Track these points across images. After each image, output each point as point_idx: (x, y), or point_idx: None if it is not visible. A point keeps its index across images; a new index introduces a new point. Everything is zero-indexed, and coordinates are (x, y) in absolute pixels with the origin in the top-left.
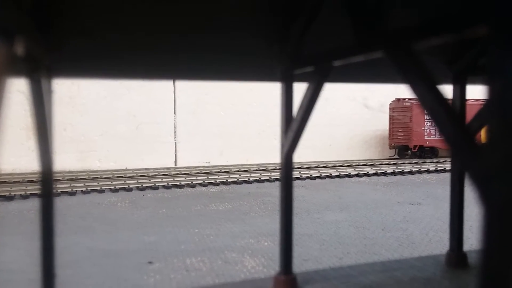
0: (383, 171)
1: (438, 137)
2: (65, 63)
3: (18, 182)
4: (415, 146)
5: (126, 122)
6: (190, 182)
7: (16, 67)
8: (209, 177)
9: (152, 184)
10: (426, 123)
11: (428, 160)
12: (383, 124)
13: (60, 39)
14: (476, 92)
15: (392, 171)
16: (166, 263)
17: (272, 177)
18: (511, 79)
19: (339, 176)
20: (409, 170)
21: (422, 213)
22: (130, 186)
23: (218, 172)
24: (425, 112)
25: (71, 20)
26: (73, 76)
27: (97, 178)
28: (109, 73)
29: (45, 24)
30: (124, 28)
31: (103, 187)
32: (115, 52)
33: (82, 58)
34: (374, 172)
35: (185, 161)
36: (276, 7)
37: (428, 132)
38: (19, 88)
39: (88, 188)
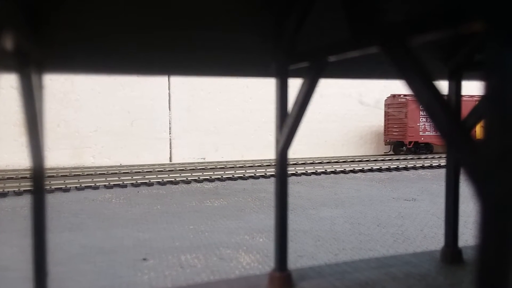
0: (378, 167)
1: (433, 133)
2: (56, 58)
3: (12, 178)
4: (410, 142)
5: (121, 118)
6: (185, 178)
7: (5, 62)
8: (204, 173)
9: (147, 181)
10: (421, 119)
11: (423, 156)
12: (378, 120)
13: (50, 33)
14: (470, 88)
15: (387, 167)
16: (160, 259)
17: (268, 173)
18: (508, 74)
19: (334, 172)
20: (404, 166)
21: (417, 209)
22: (125, 182)
23: (213, 168)
24: (421, 108)
25: (62, 14)
26: (65, 71)
27: (91, 174)
28: (102, 68)
29: (35, 18)
30: (117, 23)
31: (97, 184)
32: (108, 47)
33: (74, 53)
34: (369, 168)
35: (180, 157)
36: (270, 2)
37: (423, 128)
38: (12, 83)
39: (82, 185)
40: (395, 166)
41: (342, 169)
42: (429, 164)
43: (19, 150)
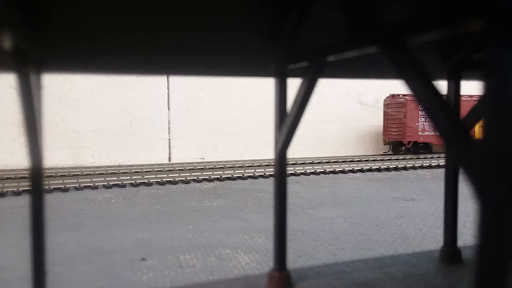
0: (378, 167)
1: (432, 133)
2: (55, 57)
3: (11, 178)
4: (409, 142)
5: (120, 118)
6: (184, 178)
7: (4, 62)
8: (203, 173)
9: (146, 180)
10: (420, 119)
11: (422, 156)
12: (377, 120)
13: (49, 33)
14: (469, 88)
15: (386, 167)
16: (159, 259)
17: (267, 173)
18: (506, 74)
19: (333, 172)
20: (403, 166)
21: (416, 208)
22: (124, 182)
23: (212, 168)
24: (420, 108)
25: (61, 13)
26: (64, 71)
27: (90, 174)
28: (100, 68)
29: (34, 17)
30: (116, 23)
31: (96, 184)
32: (107, 46)
33: (72, 53)
34: (369, 168)
35: (179, 157)
36: (269, 2)
37: (422, 128)
38: (11, 83)
39: (81, 185)
40: (394, 166)
41: (341, 169)
42: (428, 164)
43: (18, 150)
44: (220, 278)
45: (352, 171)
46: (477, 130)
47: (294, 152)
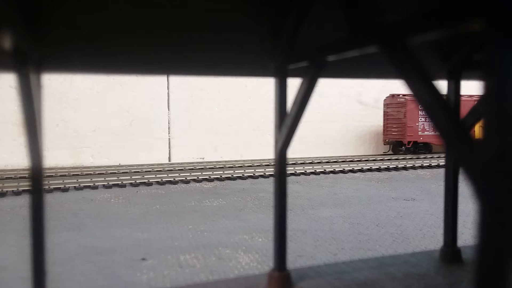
0: (378, 167)
1: (432, 133)
2: (54, 57)
3: (11, 178)
4: (409, 142)
5: (120, 118)
6: (184, 178)
7: (4, 62)
8: (203, 173)
9: (146, 180)
10: (420, 119)
11: (422, 156)
12: (377, 120)
13: (49, 33)
14: (469, 88)
15: (386, 166)
16: (159, 259)
17: (267, 173)
18: (506, 74)
19: (333, 172)
20: (403, 165)
21: (416, 208)
22: (124, 182)
23: (212, 168)
24: (420, 108)
25: (60, 13)
26: (64, 71)
27: (90, 174)
28: (100, 68)
29: (34, 17)
30: (116, 23)
31: (96, 184)
32: (107, 46)
33: (72, 53)
34: (369, 168)
35: (179, 157)
36: (269, 1)
37: (422, 128)
38: (11, 83)
39: (81, 185)
40: (394, 166)
41: (341, 169)
42: (428, 164)
43: (18, 150)
44: (220, 278)
45: (352, 171)
46: (477, 130)
47: (294, 152)
